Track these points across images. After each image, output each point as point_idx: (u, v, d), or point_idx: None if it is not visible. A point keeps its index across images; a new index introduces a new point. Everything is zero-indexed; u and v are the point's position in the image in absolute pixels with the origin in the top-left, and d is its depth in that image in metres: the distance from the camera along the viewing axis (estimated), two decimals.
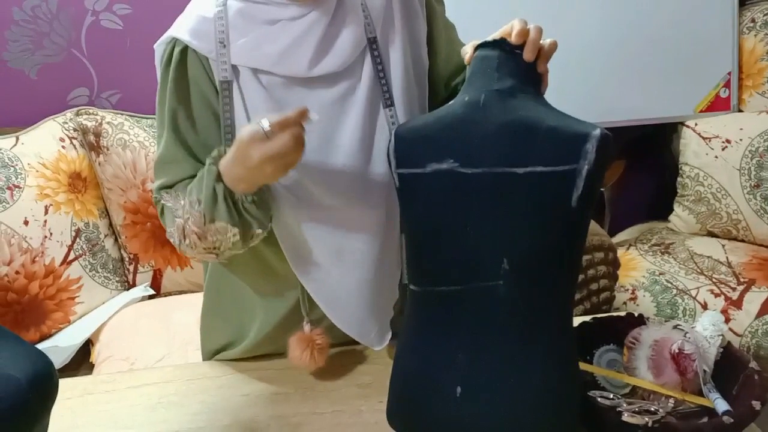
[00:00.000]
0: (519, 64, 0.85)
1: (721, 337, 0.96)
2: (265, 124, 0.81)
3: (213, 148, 0.92)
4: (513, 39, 0.84)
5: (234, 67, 0.93)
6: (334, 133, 0.95)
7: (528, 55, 0.85)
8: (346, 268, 0.98)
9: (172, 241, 0.95)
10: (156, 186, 0.99)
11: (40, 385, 0.63)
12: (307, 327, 1.02)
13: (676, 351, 0.91)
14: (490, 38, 0.87)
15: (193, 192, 0.91)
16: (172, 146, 0.97)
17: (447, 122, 0.86)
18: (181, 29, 0.94)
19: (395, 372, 0.90)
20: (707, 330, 0.97)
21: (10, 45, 1.84)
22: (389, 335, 1.04)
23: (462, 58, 0.93)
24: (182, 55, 0.94)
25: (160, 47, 0.97)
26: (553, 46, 0.87)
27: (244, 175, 0.86)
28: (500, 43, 0.85)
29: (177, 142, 0.96)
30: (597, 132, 0.78)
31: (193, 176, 0.95)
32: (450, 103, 0.88)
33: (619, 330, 1.01)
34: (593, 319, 1.04)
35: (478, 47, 0.87)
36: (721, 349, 0.95)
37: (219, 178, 0.88)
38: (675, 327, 0.97)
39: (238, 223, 0.90)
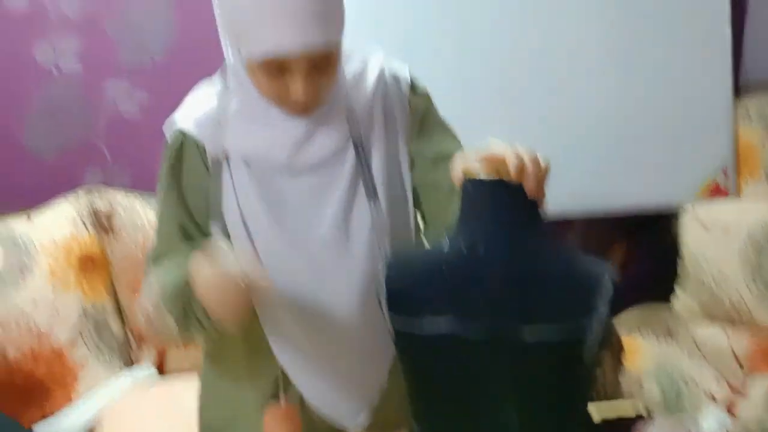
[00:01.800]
0: (515, 201, 0.79)
1: None
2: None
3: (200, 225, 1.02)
4: (512, 176, 0.77)
5: (226, 154, 1.00)
6: (313, 219, 1.00)
7: (536, 193, 0.78)
8: (321, 346, 1.01)
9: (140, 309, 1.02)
10: (148, 254, 1.07)
11: None
12: (282, 401, 1.03)
13: None
14: (482, 174, 0.79)
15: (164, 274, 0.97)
16: (165, 221, 1.04)
17: (442, 272, 0.80)
18: (186, 119, 1.03)
19: None
20: (712, 428, 0.97)
21: (31, 129, 1.90)
22: (364, 416, 1.05)
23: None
24: (182, 142, 1.02)
25: (167, 130, 1.05)
26: (548, 169, 0.81)
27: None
28: (496, 183, 0.79)
29: (170, 219, 1.04)
30: (606, 279, 0.74)
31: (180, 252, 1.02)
32: (444, 241, 0.83)
33: (627, 425, 1.02)
34: (603, 420, 1.04)
35: (468, 180, 0.81)
36: None
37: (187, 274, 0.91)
38: (681, 423, 0.97)
39: (180, 320, 0.95)
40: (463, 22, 1.97)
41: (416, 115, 1.07)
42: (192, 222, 1.03)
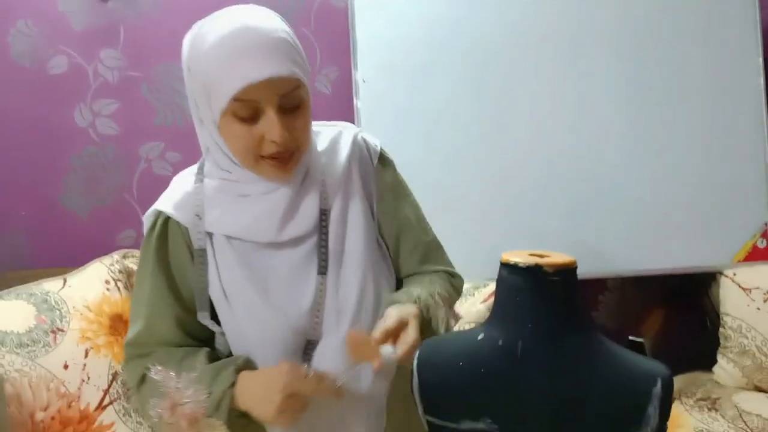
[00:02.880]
0: (557, 297, 0.74)
1: None
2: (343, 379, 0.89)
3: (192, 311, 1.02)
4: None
5: (209, 234, 1.02)
6: (296, 291, 1.01)
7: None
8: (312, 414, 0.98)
9: (143, 409, 0.98)
10: (130, 337, 1.04)
11: None
12: None
13: None
14: (520, 261, 0.75)
15: (202, 380, 0.91)
16: (154, 307, 1.02)
17: (480, 374, 0.75)
18: (166, 202, 1.04)
19: None
20: None
21: (66, 188, 1.93)
22: None
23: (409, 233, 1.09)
24: (165, 226, 1.03)
25: (147, 219, 1.05)
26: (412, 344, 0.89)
27: (256, 400, 0.92)
28: (535, 271, 0.73)
29: (161, 306, 1.02)
30: (658, 388, 0.70)
31: (170, 341, 1.02)
32: (480, 337, 0.78)
33: None
34: None
35: (503, 264, 0.77)
36: None
37: (233, 384, 0.94)
38: None
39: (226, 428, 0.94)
40: (492, 92, 1.99)
41: (381, 187, 1.10)
42: (185, 311, 1.03)
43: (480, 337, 0.77)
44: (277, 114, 0.92)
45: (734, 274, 1.99)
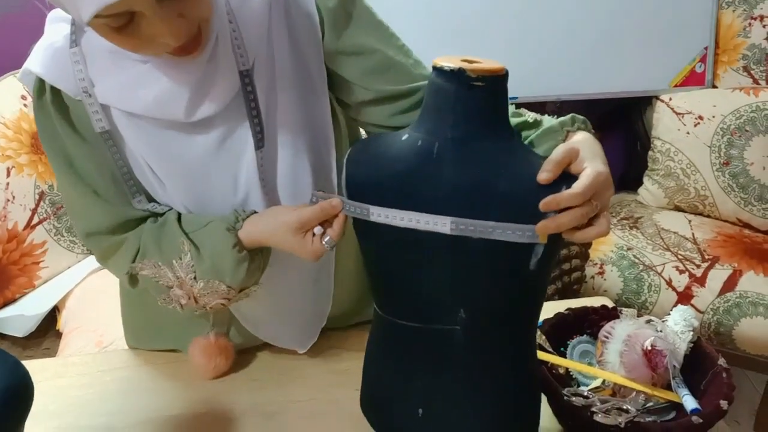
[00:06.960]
0: (479, 102, 0.74)
1: (691, 333, 0.98)
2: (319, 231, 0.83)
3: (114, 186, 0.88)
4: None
5: (105, 108, 0.83)
6: (222, 186, 0.89)
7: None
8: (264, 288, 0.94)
9: (166, 304, 0.90)
10: (83, 232, 0.90)
11: (15, 398, 0.61)
12: (212, 335, 1.00)
13: (648, 348, 0.93)
14: (446, 65, 0.74)
15: (204, 262, 0.86)
16: (78, 188, 0.87)
17: (398, 170, 0.77)
18: (43, 66, 0.82)
19: (365, 372, 0.90)
20: (678, 325, 0.99)
21: None
22: (313, 340, 1.05)
23: (388, 63, 0.89)
24: (55, 93, 0.84)
25: (27, 80, 0.86)
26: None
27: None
28: (458, 75, 0.73)
29: (82, 185, 0.87)
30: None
31: (120, 222, 0.89)
32: (404, 138, 0.78)
33: (592, 321, 1.03)
34: (568, 309, 1.05)
35: (433, 68, 0.75)
36: (691, 344, 0.98)
37: (241, 250, 0.86)
38: (647, 322, 0.98)
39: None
40: None
41: (329, 19, 0.87)
42: (109, 184, 0.88)
43: (404, 137, 0.79)
44: (160, 8, 0.69)
45: (670, 99, 2.01)
